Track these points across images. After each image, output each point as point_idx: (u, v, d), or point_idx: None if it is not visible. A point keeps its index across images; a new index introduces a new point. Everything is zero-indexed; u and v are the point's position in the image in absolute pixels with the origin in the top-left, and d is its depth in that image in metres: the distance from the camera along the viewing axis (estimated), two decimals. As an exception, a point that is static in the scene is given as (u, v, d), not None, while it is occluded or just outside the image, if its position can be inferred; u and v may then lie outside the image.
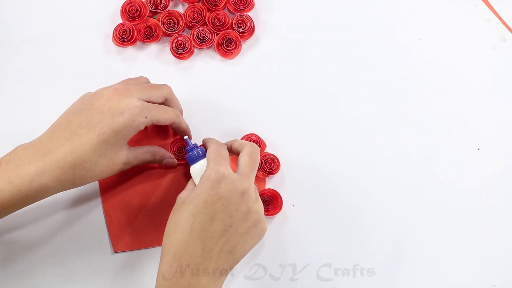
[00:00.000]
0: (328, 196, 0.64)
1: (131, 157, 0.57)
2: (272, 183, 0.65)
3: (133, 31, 0.67)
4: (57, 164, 0.52)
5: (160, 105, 0.57)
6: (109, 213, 0.62)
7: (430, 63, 0.70)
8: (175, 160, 0.62)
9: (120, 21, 0.68)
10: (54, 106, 0.66)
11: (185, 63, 0.68)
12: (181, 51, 0.67)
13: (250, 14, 0.69)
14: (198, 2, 0.69)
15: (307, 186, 0.65)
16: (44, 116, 0.65)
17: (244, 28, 0.68)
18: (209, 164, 0.53)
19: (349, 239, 0.63)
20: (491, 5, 0.72)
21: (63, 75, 0.67)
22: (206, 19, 0.68)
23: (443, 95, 0.69)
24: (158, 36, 0.67)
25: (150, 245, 0.62)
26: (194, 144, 0.58)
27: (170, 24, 0.68)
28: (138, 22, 0.67)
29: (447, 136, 0.67)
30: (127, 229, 0.62)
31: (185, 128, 0.61)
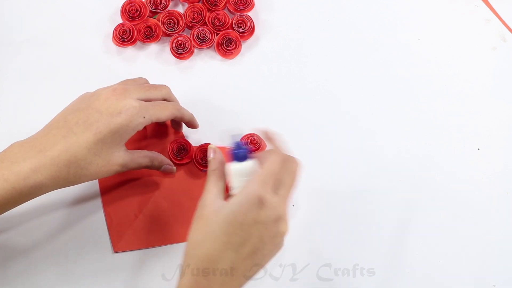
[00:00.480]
0: (328, 196, 0.64)
1: (128, 160, 0.56)
2: (272, 183, 0.65)
3: (133, 31, 0.67)
4: (52, 161, 0.51)
5: (159, 102, 0.57)
6: (109, 213, 0.62)
7: (430, 63, 0.70)
8: (174, 168, 0.62)
9: (120, 21, 0.68)
10: (54, 106, 0.66)
11: (185, 63, 0.68)
12: (181, 51, 0.67)
13: (250, 14, 0.69)
14: (198, 2, 0.69)
15: (307, 186, 0.65)
16: (44, 116, 0.65)
17: (244, 28, 0.68)
18: (255, 181, 0.50)
19: (349, 239, 0.63)
20: (491, 5, 0.72)
21: (63, 75, 0.67)
22: (206, 19, 0.68)
23: (443, 95, 0.69)
24: (158, 36, 0.67)
25: (150, 245, 0.62)
26: (244, 142, 0.57)
27: (170, 24, 0.68)
28: (138, 22, 0.67)
29: (447, 136, 0.67)
30: (127, 229, 0.62)
31: (189, 118, 0.60)
